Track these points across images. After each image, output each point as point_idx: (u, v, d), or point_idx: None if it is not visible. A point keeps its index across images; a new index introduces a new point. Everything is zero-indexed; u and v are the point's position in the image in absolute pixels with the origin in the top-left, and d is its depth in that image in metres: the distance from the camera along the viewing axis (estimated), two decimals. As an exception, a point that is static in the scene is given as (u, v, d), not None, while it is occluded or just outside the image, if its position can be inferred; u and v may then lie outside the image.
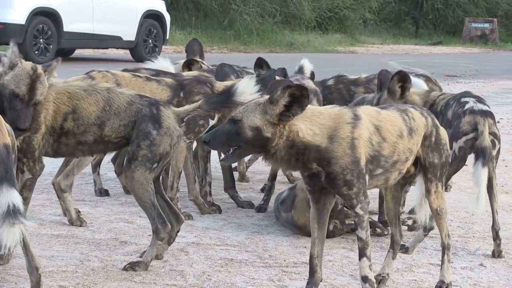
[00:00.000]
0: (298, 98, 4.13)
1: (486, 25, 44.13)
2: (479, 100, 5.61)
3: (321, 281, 4.51)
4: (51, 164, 6.44)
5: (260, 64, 6.56)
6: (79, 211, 6.00)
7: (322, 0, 35.35)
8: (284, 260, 5.17)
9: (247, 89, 4.78)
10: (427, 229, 5.45)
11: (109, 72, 5.92)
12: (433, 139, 4.58)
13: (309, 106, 4.22)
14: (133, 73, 6.03)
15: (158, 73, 6.25)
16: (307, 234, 5.30)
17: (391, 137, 4.39)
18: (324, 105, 6.32)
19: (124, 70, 6.15)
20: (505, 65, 27.88)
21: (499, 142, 5.50)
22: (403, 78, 5.60)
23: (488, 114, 5.45)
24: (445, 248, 4.76)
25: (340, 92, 6.85)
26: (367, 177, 4.32)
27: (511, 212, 6.87)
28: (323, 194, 4.38)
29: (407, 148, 4.46)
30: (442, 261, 4.75)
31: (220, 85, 6.04)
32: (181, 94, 5.98)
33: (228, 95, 4.86)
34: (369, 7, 39.47)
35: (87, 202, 6.44)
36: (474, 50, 39.65)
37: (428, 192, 4.66)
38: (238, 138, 4.17)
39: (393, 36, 42.65)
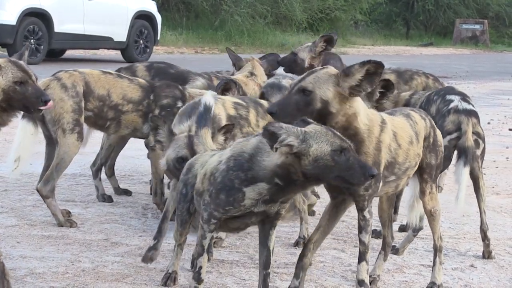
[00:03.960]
0: (371, 75, 4.03)
1: (477, 26, 44.25)
2: (464, 98, 5.61)
3: (310, 265, 4.53)
4: (41, 166, 6.41)
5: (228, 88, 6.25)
6: (70, 212, 5.99)
7: (313, 1, 35.38)
8: (275, 261, 5.17)
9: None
10: (416, 230, 5.46)
11: (76, 71, 5.88)
12: (431, 140, 4.59)
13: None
14: (104, 71, 5.99)
15: None
16: None
17: (404, 144, 4.38)
18: None
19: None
20: (496, 67, 27.95)
21: (484, 142, 5.50)
22: (387, 86, 5.58)
23: (472, 114, 5.46)
24: (437, 250, 4.77)
25: None
26: (381, 184, 4.31)
27: (502, 213, 6.88)
28: (341, 193, 4.35)
29: (416, 154, 4.47)
30: (434, 262, 4.76)
31: (192, 91, 6.01)
32: (151, 97, 5.93)
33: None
34: (360, 8, 39.54)
35: (77, 203, 6.43)
36: (465, 52, 39.74)
37: (422, 193, 4.66)
38: (307, 110, 4.03)
39: (384, 37, 42.71)
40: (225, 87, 5.86)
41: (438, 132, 4.67)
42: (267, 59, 7.47)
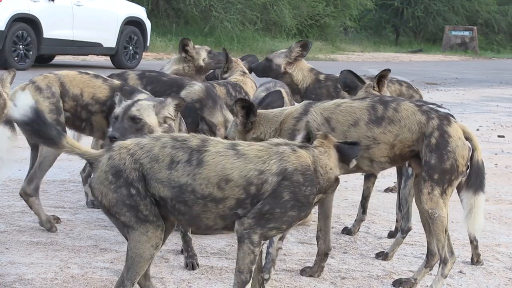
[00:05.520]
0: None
1: (466, 33, 44.43)
2: (438, 105, 5.65)
3: (329, 250, 5.10)
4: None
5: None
6: (58, 218, 5.98)
7: (303, 7, 35.47)
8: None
9: (20, 104, 3.97)
10: (404, 231, 5.47)
11: (52, 73, 5.83)
12: (433, 140, 4.60)
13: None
14: (81, 71, 5.93)
15: None
16: None
17: (341, 127, 4.67)
18: (312, 99, 6.41)
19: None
20: (485, 73, 28.05)
21: None
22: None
23: (450, 116, 5.48)
24: (432, 256, 4.80)
25: (327, 88, 6.95)
26: None
27: (490, 219, 6.90)
28: None
29: (365, 136, 4.64)
30: (437, 272, 4.77)
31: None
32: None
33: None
34: (349, 15, 39.65)
35: (66, 209, 6.41)
36: (454, 58, 39.88)
37: (421, 191, 4.67)
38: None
39: (374, 43, 42.85)
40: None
41: (452, 138, 4.61)
42: (247, 60, 7.60)
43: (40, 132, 3.90)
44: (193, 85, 6.14)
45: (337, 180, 4.07)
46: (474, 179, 4.64)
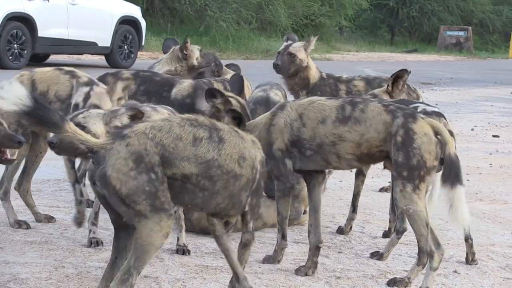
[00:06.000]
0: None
1: (461, 33, 44.46)
2: (427, 104, 5.68)
3: (320, 243, 5.14)
4: (25, 173, 6.41)
5: (212, 94, 6.14)
6: (53, 217, 5.98)
7: (298, 7, 35.45)
8: (259, 267, 5.17)
9: (9, 95, 3.90)
10: (399, 232, 5.48)
11: (28, 71, 5.71)
12: (398, 138, 4.70)
13: None
14: (60, 68, 5.76)
15: None
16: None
17: (310, 123, 4.86)
18: (317, 95, 6.46)
19: None
20: (480, 73, 28.08)
21: (454, 140, 5.54)
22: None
23: (440, 115, 5.51)
24: (424, 253, 4.79)
25: (330, 86, 6.98)
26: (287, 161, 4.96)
27: (485, 219, 6.90)
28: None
29: (331, 133, 4.82)
30: (426, 268, 4.79)
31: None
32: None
33: None
34: (345, 14, 39.63)
35: (61, 209, 6.40)
36: (449, 58, 39.91)
37: (394, 189, 4.81)
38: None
39: (369, 43, 42.85)
40: None
41: (417, 134, 4.69)
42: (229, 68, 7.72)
43: (43, 118, 3.84)
44: (182, 82, 6.32)
45: None
46: (448, 173, 4.68)
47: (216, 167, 4.04)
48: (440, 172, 5.26)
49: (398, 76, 6.06)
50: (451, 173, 4.66)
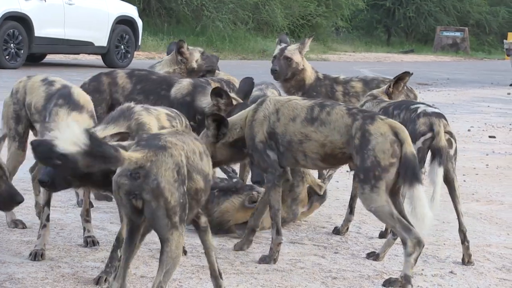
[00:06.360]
0: None
1: (457, 33, 44.49)
2: (427, 104, 5.69)
3: (257, 227, 5.48)
4: (24, 174, 6.41)
5: (219, 93, 5.97)
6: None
7: (294, 7, 35.45)
8: (256, 267, 5.17)
9: (68, 137, 3.68)
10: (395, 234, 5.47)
11: (28, 76, 5.53)
12: (356, 141, 4.86)
13: None
14: (44, 79, 5.44)
15: None
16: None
17: (283, 119, 5.09)
18: (313, 96, 6.52)
19: None
20: (476, 74, 28.11)
21: (456, 141, 5.55)
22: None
23: (441, 115, 5.53)
24: (410, 243, 4.80)
25: (326, 87, 6.98)
26: (270, 152, 5.15)
27: (481, 220, 6.91)
28: None
29: (299, 132, 5.03)
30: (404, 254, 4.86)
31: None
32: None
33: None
34: (341, 15, 39.63)
35: (57, 208, 6.39)
36: (445, 59, 39.94)
37: (358, 189, 5.00)
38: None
39: (365, 44, 42.86)
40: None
41: (372, 135, 4.80)
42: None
43: (103, 154, 3.69)
44: (181, 81, 6.31)
45: None
46: (405, 172, 4.75)
47: (208, 182, 4.16)
48: (442, 172, 5.29)
49: (400, 78, 6.08)
50: (408, 173, 4.73)
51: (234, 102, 5.88)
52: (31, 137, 5.38)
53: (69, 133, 3.63)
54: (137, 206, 3.89)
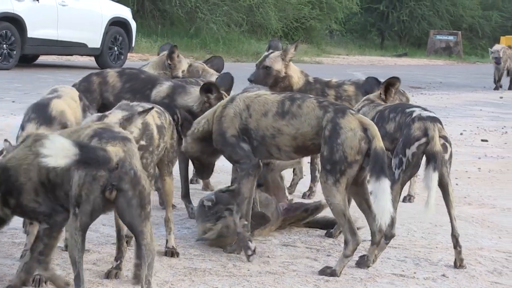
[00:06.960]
0: None
1: (451, 37, 44.56)
2: (423, 108, 5.69)
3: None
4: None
5: (209, 88, 6.05)
6: None
7: (288, 10, 35.45)
8: (248, 270, 5.16)
9: (57, 152, 3.75)
10: (388, 237, 5.47)
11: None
12: (326, 132, 5.00)
13: None
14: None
15: None
16: None
17: (255, 115, 5.19)
18: None
19: None
20: (469, 78, 28.16)
21: (451, 146, 5.56)
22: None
23: (436, 120, 5.53)
24: (379, 236, 5.19)
25: (316, 91, 6.99)
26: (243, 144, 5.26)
27: (473, 223, 6.92)
28: None
29: (271, 126, 5.16)
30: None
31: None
32: None
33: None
34: (335, 18, 39.65)
35: (49, 210, 6.37)
36: (439, 62, 40.00)
37: (319, 179, 5.19)
38: None
39: (359, 47, 42.90)
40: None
41: (343, 129, 4.96)
42: (211, 63, 7.71)
43: (95, 158, 3.82)
44: (162, 84, 6.34)
45: None
46: (373, 166, 4.93)
47: None
48: (436, 178, 5.30)
49: (390, 84, 6.08)
50: (376, 166, 4.90)
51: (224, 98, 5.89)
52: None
53: (57, 147, 3.71)
54: (109, 199, 3.97)
